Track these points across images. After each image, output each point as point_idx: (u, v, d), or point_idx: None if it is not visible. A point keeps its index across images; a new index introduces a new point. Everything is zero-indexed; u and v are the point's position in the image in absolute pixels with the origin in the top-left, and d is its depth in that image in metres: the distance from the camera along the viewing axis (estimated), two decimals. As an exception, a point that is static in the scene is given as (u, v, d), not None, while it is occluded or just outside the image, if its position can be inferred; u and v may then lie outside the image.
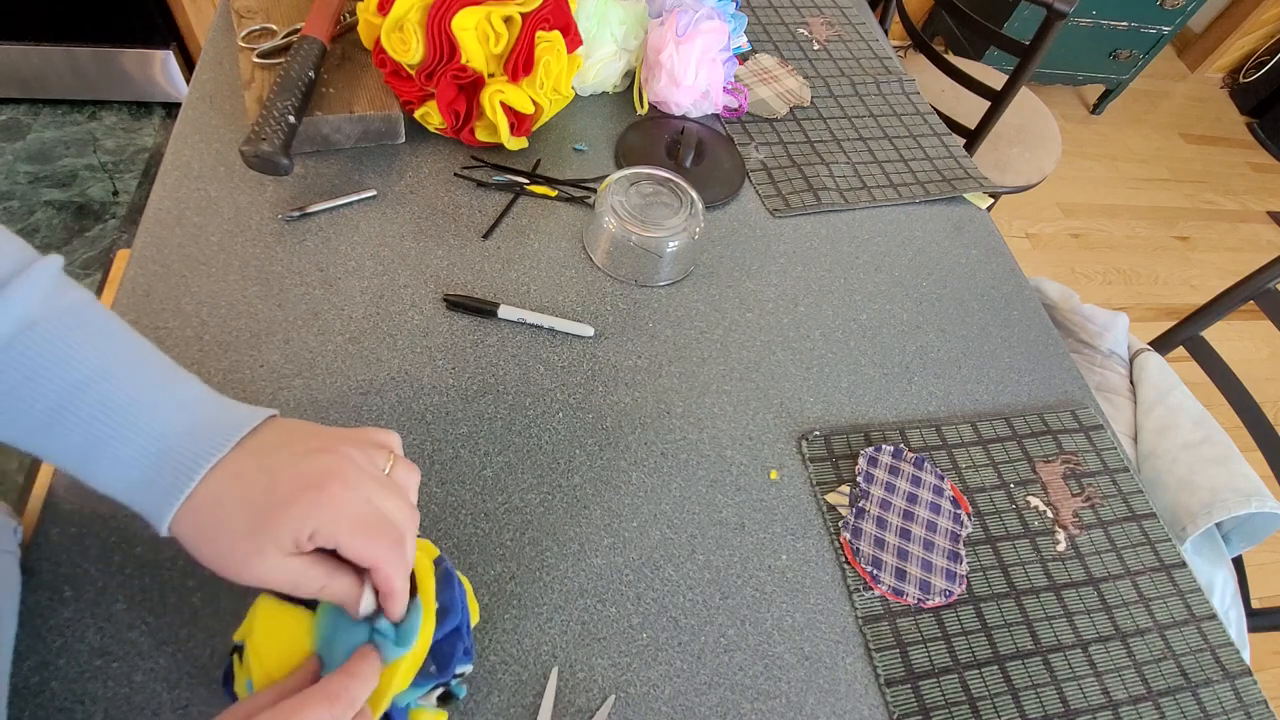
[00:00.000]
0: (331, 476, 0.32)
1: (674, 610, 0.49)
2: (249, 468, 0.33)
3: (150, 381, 0.34)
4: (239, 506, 0.32)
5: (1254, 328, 1.96)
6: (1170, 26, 2.18)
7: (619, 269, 0.66)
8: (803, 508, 0.55)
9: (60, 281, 0.34)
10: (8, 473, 1.23)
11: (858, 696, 0.48)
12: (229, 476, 0.32)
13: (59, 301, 0.33)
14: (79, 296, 0.34)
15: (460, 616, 0.39)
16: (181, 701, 0.41)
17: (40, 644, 0.41)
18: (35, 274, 0.33)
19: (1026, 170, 1.40)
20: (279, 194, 0.64)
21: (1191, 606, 0.56)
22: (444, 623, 0.38)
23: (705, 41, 0.75)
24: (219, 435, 0.33)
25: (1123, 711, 0.50)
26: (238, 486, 0.32)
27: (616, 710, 0.45)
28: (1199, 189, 2.38)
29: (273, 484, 0.32)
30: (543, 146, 0.75)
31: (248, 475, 0.32)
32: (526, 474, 0.53)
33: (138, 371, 0.34)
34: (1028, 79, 1.15)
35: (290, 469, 0.33)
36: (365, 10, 0.64)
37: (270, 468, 0.33)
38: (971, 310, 0.71)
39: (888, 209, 0.79)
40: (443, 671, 0.38)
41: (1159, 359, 0.90)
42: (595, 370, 0.59)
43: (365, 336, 0.58)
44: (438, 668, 0.37)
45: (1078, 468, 0.62)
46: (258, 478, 0.32)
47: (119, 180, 1.61)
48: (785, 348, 0.64)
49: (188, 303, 0.56)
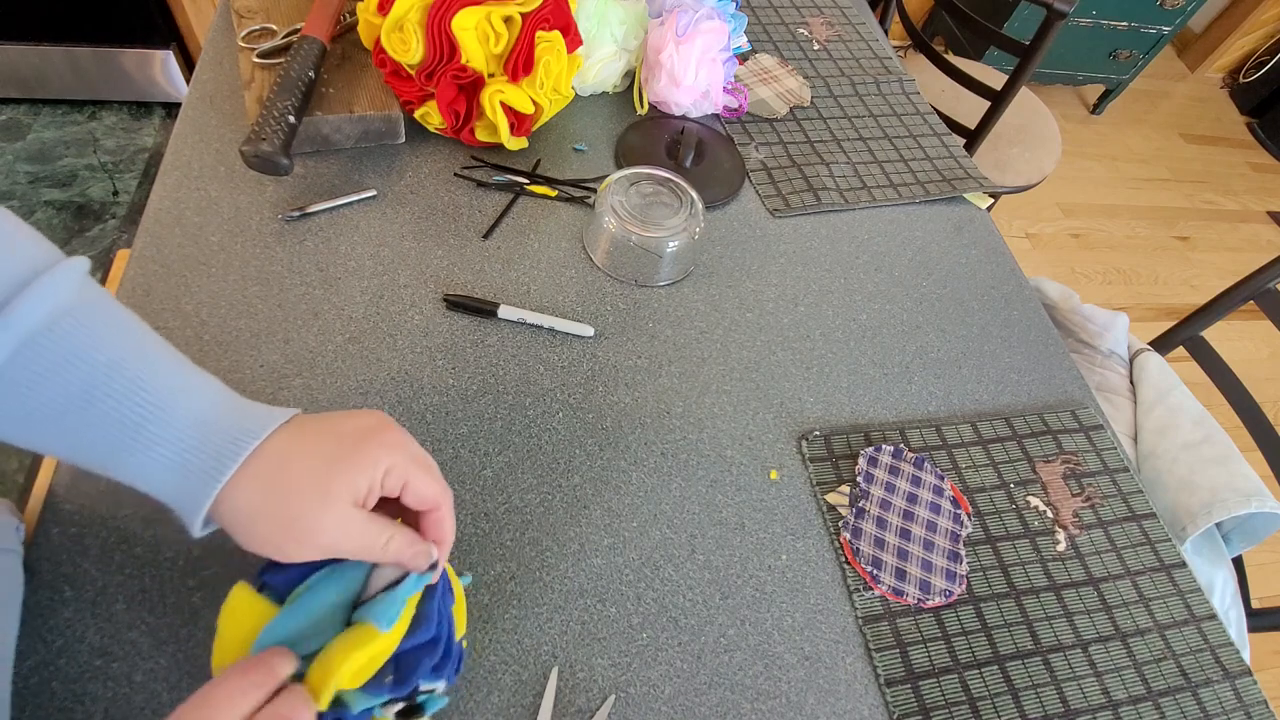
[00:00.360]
0: (385, 425, 0.35)
1: (674, 610, 0.49)
2: (300, 436, 0.33)
3: (180, 369, 0.34)
4: (303, 467, 0.32)
5: (1254, 328, 1.96)
6: (1170, 26, 2.18)
7: (619, 269, 0.66)
8: (803, 508, 0.55)
9: (89, 278, 0.35)
10: (7, 472, 1.23)
11: (858, 696, 0.48)
12: (279, 451, 0.33)
13: (89, 293, 0.34)
14: (105, 291, 0.35)
15: (435, 631, 0.37)
16: (182, 701, 0.41)
17: (40, 644, 0.41)
18: (71, 266, 0.33)
19: (1026, 170, 1.40)
20: (279, 194, 0.64)
21: (1191, 606, 0.56)
22: (414, 633, 0.36)
23: (705, 41, 0.75)
24: (259, 418, 0.33)
25: (1123, 711, 0.50)
26: (298, 448, 0.33)
27: (616, 710, 0.45)
28: (1199, 189, 2.38)
29: (338, 437, 0.33)
30: (543, 146, 0.75)
31: (305, 439, 0.33)
32: (526, 474, 0.53)
33: (166, 359, 0.34)
34: (1028, 79, 1.15)
35: (345, 424, 0.34)
36: (365, 10, 0.64)
37: (321, 431, 0.34)
38: (971, 310, 0.71)
39: (888, 209, 0.79)
40: (401, 685, 0.35)
41: (1159, 359, 0.90)
42: (595, 370, 0.59)
43: (365, 336, 0.58)
44: (396, 679, 0.35)
45: (1078, 468, 0.62)
46: (316, 440, 0.33)
47: (119, 180, 1.61)
48: (785, 348, 0.64)
49: (188, 303, 0.56)
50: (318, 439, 0.33)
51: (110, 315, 0.34)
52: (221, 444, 0.32)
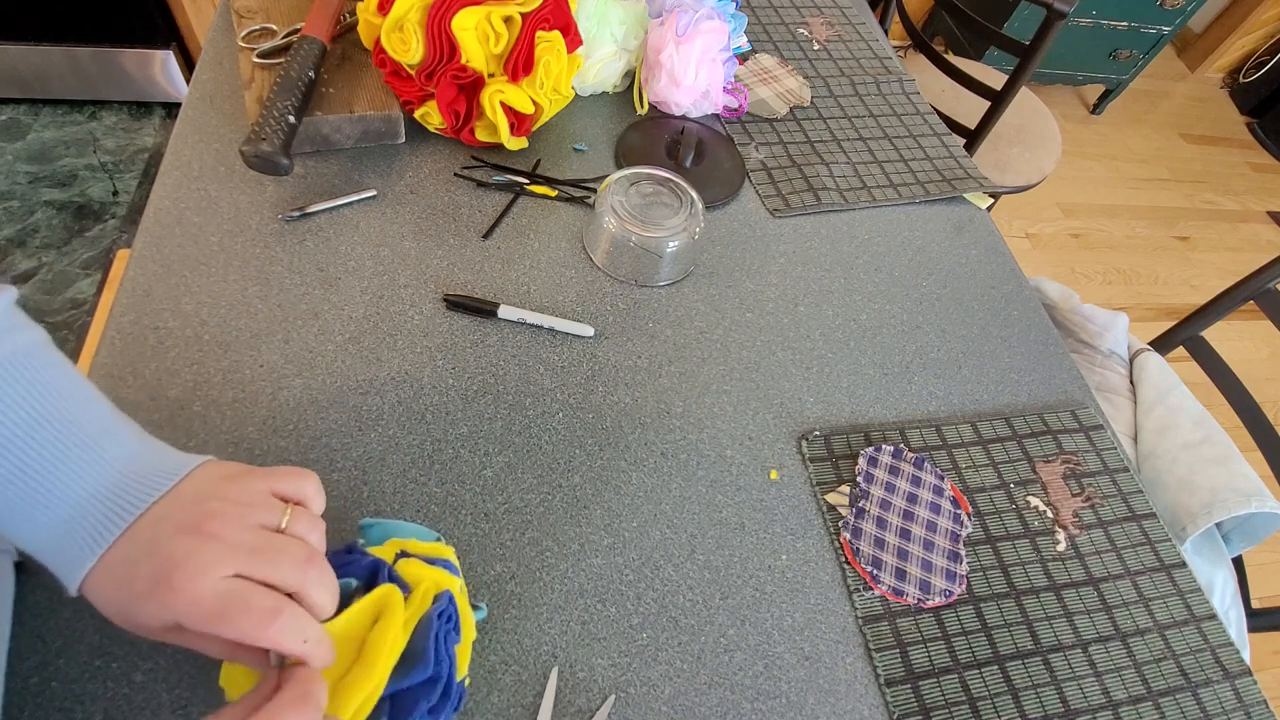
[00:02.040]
0: (178, 567, 0.31)
1: (674, 610, 0.49)
2: (134, 548, 0.32)
3: (73, 443, 0.33)
4: (122, 587, 0.32)
5: (1254, 328, 1.96)
6: (1170, 26, 2.18)
7: (619, 269, 0.66)
8: (803, 508, 0.55)
9: (7, 322, 0.34)
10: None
11: (858, 696, 0.48)
12: (116, 559, 0.32)
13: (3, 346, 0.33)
14: (24, 341, 0.34)
15: (432, 670, 0.36)
16: (181, 701, 0.41)
17: (40, 644, 0.41)
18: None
19: (1026, 170, 1.40)
20: (279, 194, 0.64)
21: (1191, 606, 0.56)
22: (411, 671, 0.36)
23: (705, 41, 0.75)
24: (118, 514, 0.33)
25: (1123, 711, 0.50)
26: (122, 569, 0.32)
27: (616, 710, 0.45)
28: (1199, 189, 2.38)
29: (132, 577, 0.32)
30: (543, 146, 0.75)
31: (132, 558, 0.32)
32: (526, 474, 0.53)
33: (64, 431, 0.33)
34: (1028, 79, 1.15)
35: (150, 557, 0.32)
36: (365, 10, 0.64)
37: (137, 557, 0.32)
38: (971, 310, 0.71)
39: (888, 209, 0.79)
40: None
41: (1159, 359, 0.90)
42: (595, 370, 0.59)
43: (365, 336, 0.58)
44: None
45: (1078, 468, 0.62)
46: (134, 565, 0.32)
47: (119, 180, 1.61)
48: (785, 348, 0.64)
49: (188, 303, 0.56)
50: (134, 565, 0.32)
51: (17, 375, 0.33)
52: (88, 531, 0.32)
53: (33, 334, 0.35)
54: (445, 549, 0.43)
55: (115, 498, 0.33)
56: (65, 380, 0.35)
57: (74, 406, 0.34)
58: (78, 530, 0.32)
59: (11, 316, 0.35)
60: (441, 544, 0.43)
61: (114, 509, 0.33)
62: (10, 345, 0.34)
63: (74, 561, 0.32)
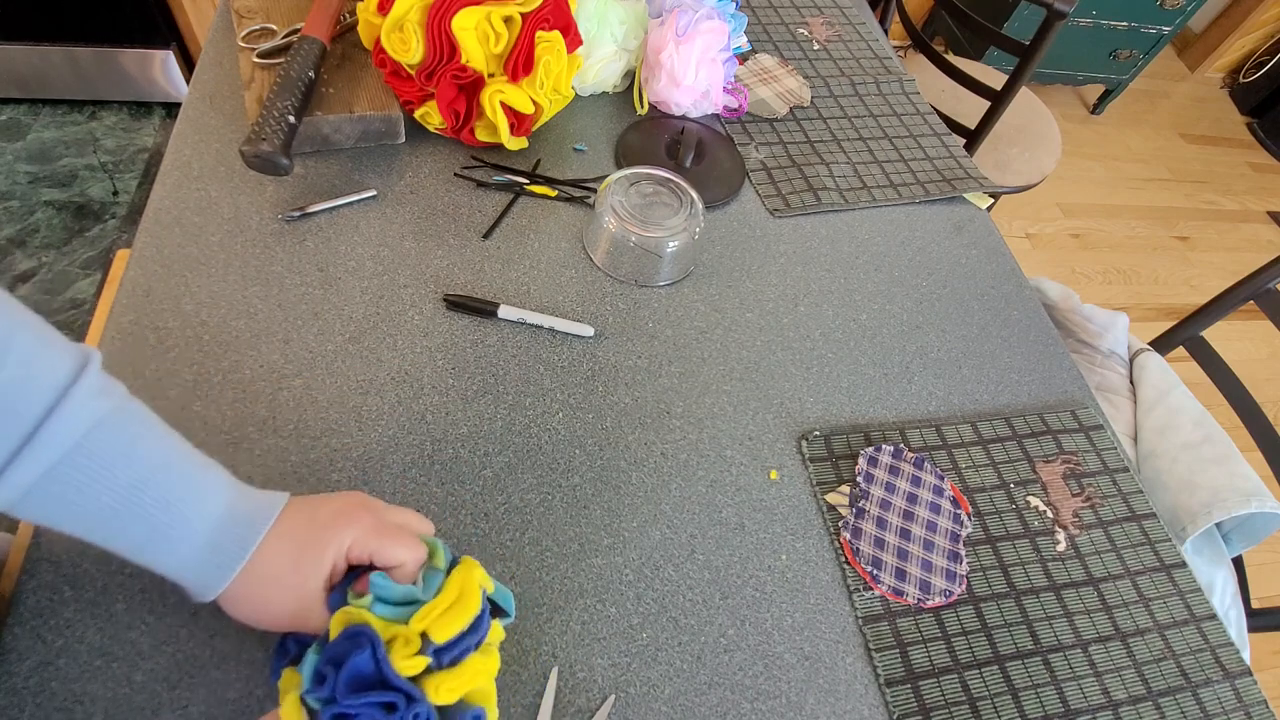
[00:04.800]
0: (355, 505, 0.41)
1: (674, 610, 0.49)
2: (280, 524, 0.39)
3: (194, 472, 0.38)
4: (278, 554, 0.38)
5: (1254, 328, 1.96)
6: (1170, 26, 2.18)
7: (619, 269, 0.66)
8: (803, 508, 0.55)
9: (106, 377, 0.37)
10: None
11: (858, 696, 0.48)
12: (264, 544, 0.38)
13: (113, 400, 0.36)
14: (123, 391, 0.38)
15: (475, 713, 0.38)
16: (181, 701, 0.41)
17: (40, 644, 0.41)
18: (92, 374, 0.35)
19: (1026, 170, 1.40)
20: (279, 194, 0.64)
21: (1191, 606, 0.56)
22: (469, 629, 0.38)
23: (705, 41, 0.75)
24: (262, 509, 0.39)
25: (1123, 711, 0.50)
26: (274, 541, 0.38)
27: (616, 710, 0.45)
28: (1199, 189, 2.38)
29: (310, 523, 0.39)
30: (543, 146, 0.75)
31: (284, 525, 0.39)
32: (526, 474, 0.53)
33: (185, 463, 0.38)
34: (1028, 79, 1.15)
35: (322, 509, 0.40)
36: (365, 10, 0.64)
37: (298, 518, 0.40)
38: (971, 310, 0.71)
39: (888, 209, 0.79)
40: None
41: (1159, 359, 0.90)
42: (595, 370, 0.59)
43: (365, 336, 0.57)
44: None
45: (1078, 468, 0.62)
46: (293, 526, 0.39)
47: (119, 180, 1.61)
48: (785, 348, 0.64)
49: (188, 303, 0.56)
50: (293, 525, 0.39)
51: (128, 425, 0.36)
52: (230, 544, 0.37)
53: (121, 386, 0.38)
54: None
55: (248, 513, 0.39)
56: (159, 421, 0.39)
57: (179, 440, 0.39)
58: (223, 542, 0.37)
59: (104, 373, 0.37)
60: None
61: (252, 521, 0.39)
62: (118, 394, 0.37)
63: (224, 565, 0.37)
